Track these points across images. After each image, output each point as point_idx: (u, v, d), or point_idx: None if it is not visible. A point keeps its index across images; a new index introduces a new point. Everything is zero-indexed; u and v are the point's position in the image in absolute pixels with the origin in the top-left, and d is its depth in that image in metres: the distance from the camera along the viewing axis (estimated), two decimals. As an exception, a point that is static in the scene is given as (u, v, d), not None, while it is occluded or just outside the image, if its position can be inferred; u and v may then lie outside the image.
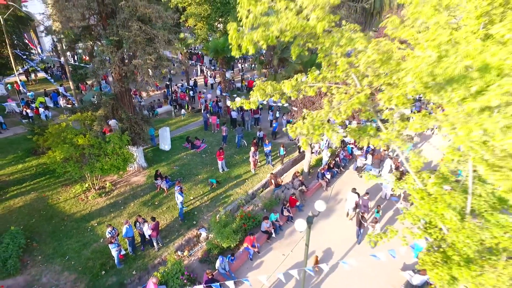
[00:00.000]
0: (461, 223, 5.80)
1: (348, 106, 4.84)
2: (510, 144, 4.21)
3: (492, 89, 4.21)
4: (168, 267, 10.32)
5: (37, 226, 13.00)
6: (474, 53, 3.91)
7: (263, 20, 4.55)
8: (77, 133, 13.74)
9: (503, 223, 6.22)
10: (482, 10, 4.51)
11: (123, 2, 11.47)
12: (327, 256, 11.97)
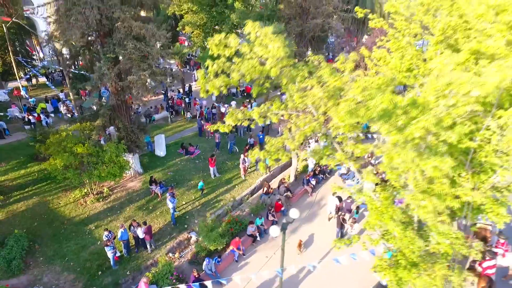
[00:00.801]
0: (404, 232, 6.73)
1: (300, 134, 5.78)
2: (428, 169, 5.13)
3: (413, 124, 5.14)
4: (159, 268, 11.28)
5: (39, 229, 13.97)
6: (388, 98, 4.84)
7: (225, 67, 5.49)
8: (76, 142, 14.68)
9: (444, 231, 7.17)
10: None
11: (119, 23, 12.43)
12: (308, 257, 12.89)
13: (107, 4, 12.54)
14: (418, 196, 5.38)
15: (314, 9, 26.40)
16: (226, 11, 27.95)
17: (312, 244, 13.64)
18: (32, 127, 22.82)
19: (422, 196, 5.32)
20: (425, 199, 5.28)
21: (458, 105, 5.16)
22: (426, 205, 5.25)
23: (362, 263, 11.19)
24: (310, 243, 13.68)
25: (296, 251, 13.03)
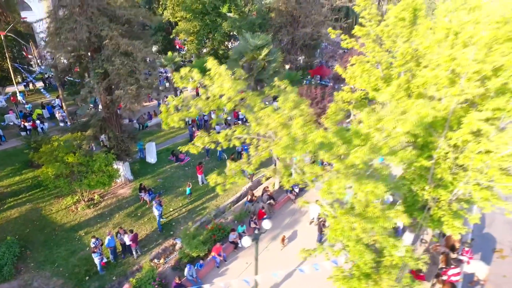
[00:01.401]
0: (355, 246, 7.38)
1: (257, 159, 6.44)
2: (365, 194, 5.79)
3: (352, 153, 5.80)
4: (142, 274, 11.93)
5: (31, 235, 14.63)
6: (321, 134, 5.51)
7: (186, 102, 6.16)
8: (67, 151, 15.35)
9: (395, 244, 7.83)
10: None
11: (107, 41, 13.09)
12: (289, 260, 13.51)
13: (95, 22, 13.20)
14: (351, 219, 6.04)
15: (304, 18, 27.13)
16: (218, 19, 28.62)
17: (294, 245, 14.29)
18: (27, 133, 23.50)
19: (354, 219, 5.99)
20: (356, 222, 5.94)
21: (392, 136, 5.81)
22: (356, 227, 5.89)
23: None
24: (292, 247, 14.32)
25: (280, 246, 13.98)
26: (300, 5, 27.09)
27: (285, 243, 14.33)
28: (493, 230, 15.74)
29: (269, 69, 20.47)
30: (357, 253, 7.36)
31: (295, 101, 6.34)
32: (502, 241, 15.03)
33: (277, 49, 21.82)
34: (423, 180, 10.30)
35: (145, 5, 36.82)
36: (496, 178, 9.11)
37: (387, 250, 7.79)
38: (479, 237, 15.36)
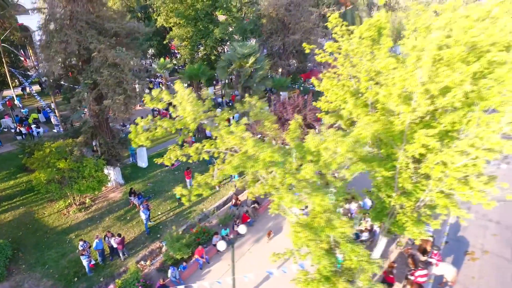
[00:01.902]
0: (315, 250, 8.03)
1: (220, 173, 7.10)
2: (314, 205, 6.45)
3: (303, 168, 6.45)
4: (128, 275, 12.58)
5: (23, 238, 15.28)
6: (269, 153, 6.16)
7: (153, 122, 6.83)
8: (59, 157, 15.99)
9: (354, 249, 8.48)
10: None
11: (96, 53, 13.75)
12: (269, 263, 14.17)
13: (84, 35, 13.86)
14: (297, 228, 6.70)
15: (294, 25, 27.77)
16: (210, 26, 29.25)
17: (276, 248, 14.90)
18: (23, 138, 24.15)
19: (300, 228, 6.65)
20: (301, 231, 6.60)
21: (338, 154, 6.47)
22: (301, 236, 6.56)
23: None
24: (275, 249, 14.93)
25: (261, 248, 14.84)
26: (290, 12, 27.76)
27: (270, 237, 15.17)
28: (467, 234, 16.38)
29: (256, 76, 21.14)
30: (316, 258, 8.02)
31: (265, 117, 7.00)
32: (475, 244, 15.68)
33: (264, 57, 22.43)
34: (389, 188, 10.97)
35: (140, 10, 37.56)
36: (454, 187, 9.81)
37: (347, 255, 8.45)
38: (453, 240, 16.02)
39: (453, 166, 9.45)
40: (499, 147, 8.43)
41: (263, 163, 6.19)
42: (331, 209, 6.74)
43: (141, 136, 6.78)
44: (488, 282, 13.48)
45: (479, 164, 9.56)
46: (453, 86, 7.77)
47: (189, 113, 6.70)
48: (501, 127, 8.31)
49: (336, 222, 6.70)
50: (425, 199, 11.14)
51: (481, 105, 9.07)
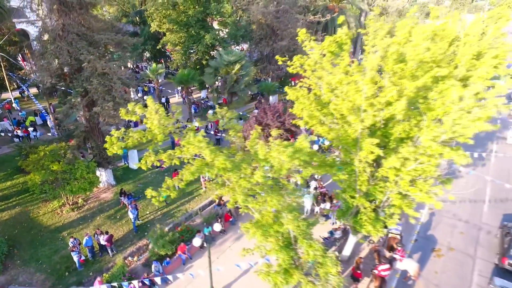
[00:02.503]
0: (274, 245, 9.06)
1: (187, 175, 8.12)
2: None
3: (256, 173, 7.48)
4: (115, 270, 13.61)
5: (19, 236, 16.31)
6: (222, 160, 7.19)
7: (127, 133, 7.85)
8: (53, 160, 17.00)
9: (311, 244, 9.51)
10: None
11: (86, 64, 14.77)
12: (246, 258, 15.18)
13: (75, 47, 14.89)
14: (248, 225, 7.72)
15: (282, 31, 28.78)
16: (202, 31, 30.26)
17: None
18: (20, 140, 25.15)
19: (250, 225, 7.68)
20: (251, 228, 7.63)
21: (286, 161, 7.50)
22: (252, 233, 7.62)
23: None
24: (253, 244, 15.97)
25: (241, 245, 15.55)
26: (278, 19, 28.79)
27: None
28: (436, 232, 17.43)
29: (242, 82, 22.15)
30: (275, 252, 9.06)
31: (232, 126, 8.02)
32: (442, 242, 16.73)
33: (250, 64, 23.41)
34: (352, 190, 12.01)
35: (135, 15, 38.57)
36: (407, 189, 10.86)
37: (305, 250, 9.49)
38: (422, 238, 17.07)
39: (405, 169, 10.51)
40: (438, 153, 9.46)
41: (217, 169, 7.22)
42: (286, 208, 7.74)
43: (115, 146, 7.82)
44: (449, 277, 14.54)
45: (428, 168, 10.59)
46: (393, 100, 8.79)
47: (155, 126, 7.74)
48: (439, 136, 9.35)
49: (284, 219, 7.73)
50: (388, 200, 12.22)
51: (429, 115, 10.15)
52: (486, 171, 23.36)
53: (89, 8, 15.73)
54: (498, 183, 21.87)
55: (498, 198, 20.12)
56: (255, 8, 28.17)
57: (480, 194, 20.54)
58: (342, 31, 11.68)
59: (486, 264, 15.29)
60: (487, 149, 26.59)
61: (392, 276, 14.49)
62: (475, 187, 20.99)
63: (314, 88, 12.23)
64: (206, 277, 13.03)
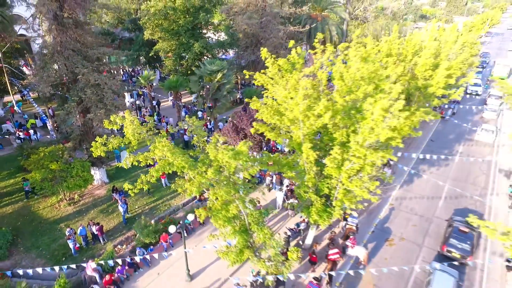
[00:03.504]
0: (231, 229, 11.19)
1: (156, 174, 10.27)
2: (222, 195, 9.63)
3: (209, 170, 9.63)
4: (104, 255, 15.76)
5: (21, 227, 18.46)
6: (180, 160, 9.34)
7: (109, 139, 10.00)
8: (51, 160, 19.14)
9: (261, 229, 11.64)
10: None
11: (80, 76, 16.93)
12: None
13: (71, 61, 17.04)
14: (200, 210, 9.87)
15: (265, 40, 30.96)
16: (191, 40, 32.39)
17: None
18: (21, 141, 27.29)
19: (202, 210, 9.83)
20: (202, 212, 9.78)
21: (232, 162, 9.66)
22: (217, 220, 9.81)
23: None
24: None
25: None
26: (262, 29, 30.94)
27: None
28: (392, 225, 19.59)
29: (224, 89, 24.31)
30: (232, 235, 11.23)
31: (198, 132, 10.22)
32: (396, 233, 18.89)
33: (231, 73, 25.48)
34: (305, 186, 14.16)
35: (130, 23, 40.69)
36: (347, 185, 12.99)
37: (257, 234, 11.65)
38: (379, 229, 19.23)
39: (344, 168, 12.66)
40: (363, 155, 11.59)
41: (176, 167, 9.34)
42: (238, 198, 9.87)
43: (99, 149, 9.96)
44: (396, 262, 16.68)
45: (364, 168, 12.72)
46: (322, 113, 10.95)
47: (130, 134, 9.90)
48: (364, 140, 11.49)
49: (230, 207, 9.89)
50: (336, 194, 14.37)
51: (362, 123, 12.30)
52: (449, 170, 25.55)
53: (83, 27, 17.87)
54: (457, 180, 24.13)
55: (453, 195, 22.29)
56: (240, 19, 30.31)
57: (438, 191, 22.72)
58: (296, 51, 13.82)
59: (431, 251, 17.46)
60: (453, 150, 28.79)
61: (347, 262, 16.68)
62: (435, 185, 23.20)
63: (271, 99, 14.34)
64: (185, 260, 15.20)
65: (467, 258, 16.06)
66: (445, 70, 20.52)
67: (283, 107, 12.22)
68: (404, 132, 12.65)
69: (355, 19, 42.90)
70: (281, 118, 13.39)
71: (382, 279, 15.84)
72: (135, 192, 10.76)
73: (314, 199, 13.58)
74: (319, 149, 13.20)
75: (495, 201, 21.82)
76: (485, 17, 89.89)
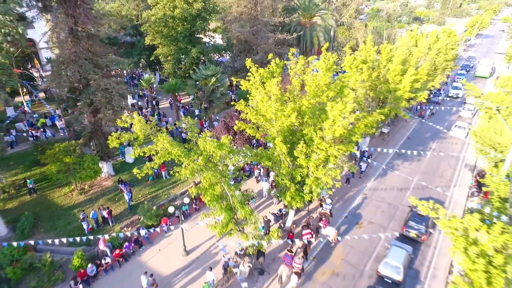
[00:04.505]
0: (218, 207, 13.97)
1: (156, 159, 13.06)
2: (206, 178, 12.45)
3: (200, 158, 12.41)
4: (114, 234, 18.56)
5: (40, 212, 21.22)
6: (178, 151, 12.13)
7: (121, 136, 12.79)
8: (65, 154, 21.89)
9: (243, 207, 14.42)
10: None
11: (92, 82, 19.70)
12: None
13: (84, 68, 19.81)
14: (192, 189, 12.66)
15: (256, 46, 33.76)
16: (189, 46, 35.16)
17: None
18: (34, 139, 30.03)
19: (193, 189, 12.63)
20: (194, 190, 12.57)
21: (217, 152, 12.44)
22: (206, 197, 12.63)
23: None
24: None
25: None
26: (254, 36, 33.72)
27: None
28: (363, 211, 22.41)
29: (217, 92, 27.08)
30: (218, 212, 14.02)
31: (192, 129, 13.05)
32: (366, 218, 21.72)
33: (224, 76, 28.16)
34: (281, 174, 16.94)
35: (132, 29, 43.43)
36: (315, 173, 15.78)
37: (240, 211, 14.46)
38: (352, 215, 22.05)
39: (312, 159, 15.46)
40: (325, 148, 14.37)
41: (174, 155, 12.08)
42: (219, 180, 12.66)
43: (114, 142, 12.72)
44: (362, 241, 19.49)
45: (330, 158, 15.50)
46: (291, 113, 13.74)
47: (138, 130, 12.68)
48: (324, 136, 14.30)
49: (216, 187, 12.70)
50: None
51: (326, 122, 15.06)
52: (420, 164, 28.41)
53: (94, 38, 20.64)
54: (426, 173, 26.98)
55: (421, 187, 25.13)
56: (234, 26, 33.09)
57: (407, 183, 25.55)
58: (275, 61, 16.60)
59: (393, 233, 20.28)
60: (427, 147, 31.63)
61: (320, 241, 19.49)
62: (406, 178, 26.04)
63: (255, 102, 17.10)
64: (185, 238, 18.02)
65: (422, 237, 18.90)
66: (410, 76, 23.37)
67: (261, 109, 15.02)
68: (361, 130, 15.44)
69: (342, 25, 45.63)
70: (259, 117, 16.19)
71: (349, 254, 18.68)
72: (142, 175, 13.49)
73: (289, 185, 16.36)
74: (292, 144, 15.99)
75: (457, 191, 24.69)
76: (475, 20, 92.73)
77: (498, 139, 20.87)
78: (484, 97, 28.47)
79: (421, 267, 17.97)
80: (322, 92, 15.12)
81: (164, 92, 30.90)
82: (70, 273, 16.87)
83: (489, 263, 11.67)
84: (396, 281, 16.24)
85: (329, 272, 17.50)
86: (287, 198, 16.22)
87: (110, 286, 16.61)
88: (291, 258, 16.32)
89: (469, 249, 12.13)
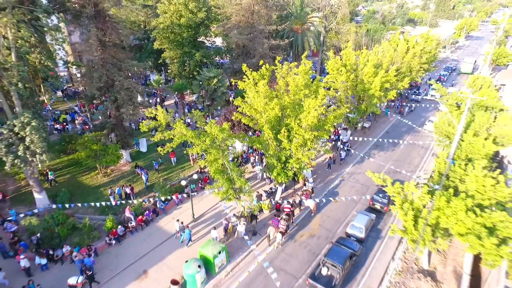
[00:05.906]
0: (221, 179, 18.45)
1: (176, 140, 17.56)
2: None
3: (207, 139, 16.92)
4: (136, 205, 23.08)
5: (72, 191, 25.71)
6: (191, 133, 16.64)
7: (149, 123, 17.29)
8: (93, 143, 26.38)
9: (241, 180, 18.93)
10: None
11: (117, 83, 24.19)
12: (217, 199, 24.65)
13: (110, 72, 24.30)
14: (201, 162, 17.15)
15: (253, 51, 38.21)
16: (193, 50, 39.61)
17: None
18: (58, 132, 34.53)
19: (203, 162, 17.13)
20: (201, 162, 17.07)
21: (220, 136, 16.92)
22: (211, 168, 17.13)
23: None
24: (219, 198, 25.48)
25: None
26: (251, 41, 38.18)
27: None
28: (340, 190, 26.91)
29: (219, 91, 31.52)
30: (221, 182, 18.53)
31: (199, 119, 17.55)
32: (341, 195, 26.21)
33: (224, 78, 32.49)
34: (269, 155, 21.43)
35: (141, 34, 47.85)
36: (296, 153, 20.27)
37: (237, 181, 18.95)
38: (330, 193, 26.54)
39: (294, 143, 19.95)
40: (302, 134, 18.85)
41: (188, 138, 16.57)
42: (221, 156, 17.18)
43: (144, 127, 17.18)
44: (337, 212, 24.00)
45: (307, 142, 19.99)
46: (275, 107, 18.23)
47: (161, 118, 17.15)
48: (301, 124, 18.80)
49: (219, 160, 17.21)
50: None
51: (303, 114, 19.51)
52: (393, 153, 32.93)
53: (118, 46, 25.12)
54: (397, 161, 31.50)
55: (392, 171, 29.65)
56: (233, 33, 37.56)
57: (380, 168, 30.07)
58: (265, 66, 21.09)
59: (363, 206, 24.79)
60: (402, 139, 36.14)
61: (303, 211, 23.99)
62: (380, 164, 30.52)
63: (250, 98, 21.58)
64: (191, 210, 22.53)
65: (384, 208, 23.44)
66: (381, 78, 27.88)
67: (253, 104, 19.52)
68: (331, 120, 19.94)
69: (330, 31, 50.06)
70: (252, 110, 20.66)
71: (325, 221, 23.21)
72: (164, 152, 17.94)
73: (276, 164, 20.87)
74: (278, 131, 20.50)
75: (420, 174, 29.20)
76: (463, 23, 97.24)
77: (450, 130, 25.38)
78: (450, 96, 32.99)
79: (382, 231, 22.50)
80: (300, 91, 19.62)
81: (172, 91, 35.33)
82: (103, 233, 21.38)
83: (417, 216, 16.26)
84: (359, 238, 20.76)
85: (308, 234, 22.02)
86: (274, 174, 20.72)
87: (135, 243, 21.12)
88: (277, 221, 20.84)
89: (403, 205, 16.71)
